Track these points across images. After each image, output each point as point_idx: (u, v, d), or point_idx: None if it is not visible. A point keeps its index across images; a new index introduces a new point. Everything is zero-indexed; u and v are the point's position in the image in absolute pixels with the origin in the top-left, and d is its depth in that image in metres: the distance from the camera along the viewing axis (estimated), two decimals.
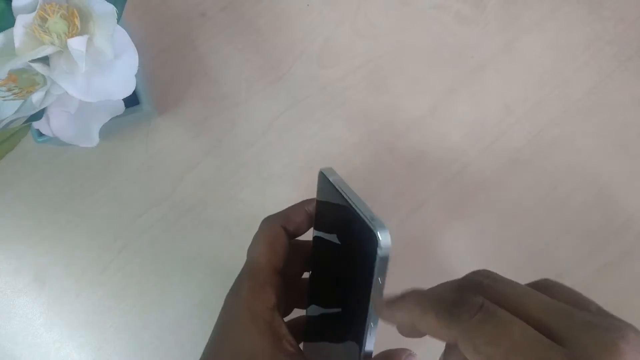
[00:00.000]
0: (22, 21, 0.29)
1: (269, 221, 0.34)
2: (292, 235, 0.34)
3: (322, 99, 0.49)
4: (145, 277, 0.46)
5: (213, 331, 0.32)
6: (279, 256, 0.32)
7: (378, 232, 0.24)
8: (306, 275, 0.37)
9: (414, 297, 0.24)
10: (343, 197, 0.27)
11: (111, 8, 0.30)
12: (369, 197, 0.31)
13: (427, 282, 0.26)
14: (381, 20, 0.50)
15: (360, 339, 0.27)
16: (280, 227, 0.33)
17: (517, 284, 0.24)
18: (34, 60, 0.30)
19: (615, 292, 0.47)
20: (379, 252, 0.24)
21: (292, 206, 0.35)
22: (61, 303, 0.45)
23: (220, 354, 0.31)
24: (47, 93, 0.31)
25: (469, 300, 0.22)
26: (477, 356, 0.21)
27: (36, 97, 0.31)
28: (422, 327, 0.23)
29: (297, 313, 0.37)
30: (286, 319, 0.34)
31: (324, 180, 0.30)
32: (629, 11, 0.51)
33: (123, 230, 0.46)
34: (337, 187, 0.28)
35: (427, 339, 0.24)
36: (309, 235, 0.35)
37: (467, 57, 0.50)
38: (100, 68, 0.32)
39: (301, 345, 0.36)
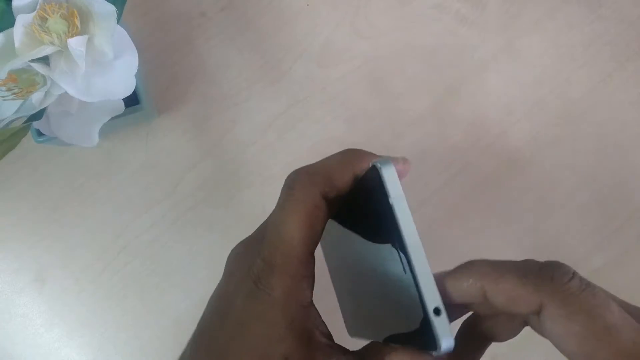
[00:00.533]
0: (22, 21, 0.29)
1: (305, 185, 0.25)
2: (331, 201, 0.25)
3: (322, 99, 0.49)
4: (145, 277, 0.46)
5: (213, 321, 0.26)
6: (317, 236, 0.25)
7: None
8: None
9: (487, 262, 0.22)
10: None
11: (111, 8, 0.30)
12: None
13: None
14: (381, 20, 0.50)
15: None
16: (320, 196, 0.25)
17: None
18: (34, 60, 0.30)
19: (615, 292, 0.47)
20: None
21: (334, 162, 0.26)
22: (61, 303, 0.45)
23: (230, 355, 0.24)
24: (47, 93, 0.31)
25: (562, 266, 0.20)
26: (569, 325, 0.19)
27: (36, 97, 0.31)
28: (496, 293, 0.21)
29: None
30: None
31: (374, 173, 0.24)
32: (629, 11, 0.51)
33: (123, 230, 0.46)
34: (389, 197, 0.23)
35: None
36: None
37: (467, 57, 0.50)
38: (100, 68, 0.32)
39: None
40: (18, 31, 0.29)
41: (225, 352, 0.24)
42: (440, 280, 0.23)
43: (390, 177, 0.24)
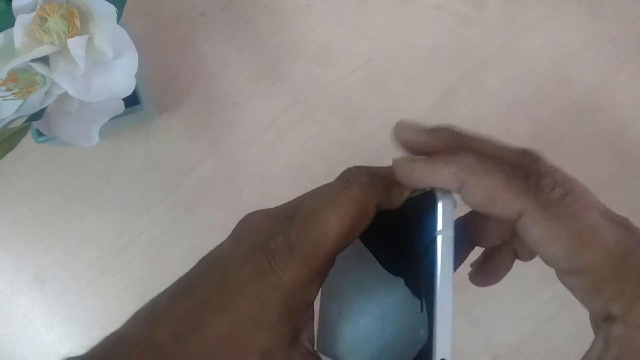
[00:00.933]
0: (22, 21, 0.29)
1: (365, 187, 0.23)
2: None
3: (322, 99, 0.49)
4: (145, 277, 0.46)
5: (203, 281, 0.25)
6: (350, 240, 0.23)
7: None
8: None
9: (473, 154, 0.21)
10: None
11: (111, 8, 0.30)
12: None
13: None
14: (381, 20, 0.50)
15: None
16: (375, 204, 0.23)
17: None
18: (34, 60, 0.30)
19: None
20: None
21: (393, 175, 0.23)
22: (61, 303, 0.45)
23: (211, 324, 0.22)
24: (47, 93, 0.31)
25: (548, 172, 0.21)
26: (553, 228, 0.20)
27: (36, 97, 0.31)
28: (475, 190, 0.20)
29: None
30: None
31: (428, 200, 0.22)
32: (629, 11, 0.51)
33: (123, 231, 0.46)
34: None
35: None
36: None
37: (467, 57, 0.50)
38: (100, 68, 0.32)
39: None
40: (18, 31, 0.29)
41: (209, 315, 0.23)
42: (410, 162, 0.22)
43: (447, 209, 0.22)
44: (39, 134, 0.38)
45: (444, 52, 0.50)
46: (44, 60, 0.31)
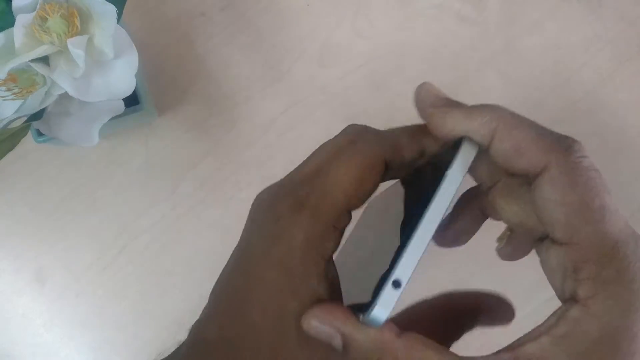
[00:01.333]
0: (22, 21, 0.29)
1: (371, 142, 0.23)
2: (388, 169, 0.24)
3: (322, 99, 0.49)
4: (145, 277, 0.46)
5: (246, 259, 0.24)
6: (363, 197, 0.23)
7: None
8: None
9: (508, 110, 0.22)
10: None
11: (111, 8, 0.30)
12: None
13: (427, 282, 0.26)
14: (381, 20, 0.50)
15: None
16: (383, 159, 0.23)
17: None
18: (34, 60, 0.30)
19: None
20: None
21: (404, 134, 0.25)
22: (61, 303, 0.45)
23: (263, 304, 0.23)
24: (47, 93, 0.31)
25: (579, 144, 0.21)
26: (568, 193, 0.19)
27: (36, 97, 0.31)
28: (506, 138, 0.21)
29: None
30: None
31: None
32: (629, 11, 0.51)
33: (123, 230, 0.46)
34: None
35: None
36: None
37: (467, 57, 0.50)
38: (100, 68, 0.32)
39: None
40: (18, 31, 0.29)
41: (243, 303, 0.23)
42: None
43: (467, 153, 0.22)
44: (39, 134, 0.38)
45: (444, 52, 0.50)
46: (44, 60, 0.31)
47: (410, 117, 0.50)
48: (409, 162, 0.24)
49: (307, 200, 0.22)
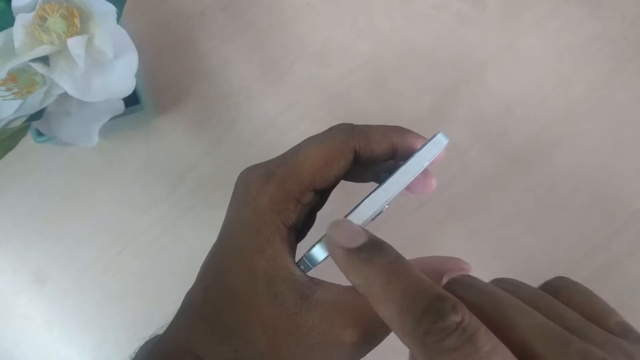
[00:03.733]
0: (21, 21, 0.29)
1: (343, 133, 0.26)
2: (359, 161, 0.26)
3: (322, 99, 0.49)
4: (145, 277, 0.46)
5: (225, 230, 0.27)
6: (327, 175, 0.25)
7: None
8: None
9: (388, 269, 0.19)
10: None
11: (111, 7, 0.30)
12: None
13: None
14: (381, 20, 0.50)
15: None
16: (352, 147, 0.25)
17: (508, 283, 0.21)
18: (33, 60, 0.30)
19: (616, 292, 0.47)
20: None
21: (378, 129, 0.26)
22: (61, 303, 0.45)
23: (236, 264, 0.25)
24: (46, 93, 0.31)
25: (445, 315, 0.17)
26: None
27: (36, 97, 0.31)
28: (376, 305, 0.19)
29: None
30: None
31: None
32: (629, 11, 0.51)
33: (123, 230, 0.46)
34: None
35: None
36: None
37: (467, 57, 0.50)
38: (100, 68, 0.32)
39: None
40: (18, 31, 0.29)
41: (221, 265, 0.26)
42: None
43: (437, 143, 0.24)
44: (39, 134, 0.38)
45: (444, 52, 0.50)
46: (44, 60, 0.31)
47: (410, 117, 0.51)
48: (378, 156, 0.26)
49: (276, 172, 0.25)
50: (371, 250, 0.20)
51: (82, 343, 0.45)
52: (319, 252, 0.23)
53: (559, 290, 0.20)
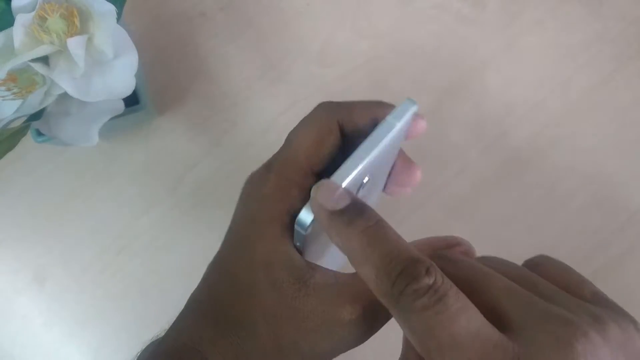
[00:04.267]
0: (21, 21, 0.29)
1: (325, 110, 0.27)
2: (345, 134, 0.27)
3: (322, 98, 0.48)
4: (145, 277, 0.46)
5: (230, 228, 0.28)
6: (322, 155, 0.26)
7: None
8: None
9: (368, 232, 0.20)
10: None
11: (111, 7, 0.30)
12: None
13: None
14: (381, 20, 0.50)
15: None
16: (336, 121, 0.27)
17: (491, 260, 0.22)
18: (33, 60, 0.30)
19: (615, 292, 0.47)
20: None
21: (359, 103, 0.28)
22: (61, 303, 0.45)
23: (238, 253, 0.26)
24: (46, 93, 0.31)
25: (419, 278, 0.18)
26: (414, 343, 0.18)
27: (36, 97, 0.31)
28: (359, 274, 0.20)
29: None
30: None
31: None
32: (629, 11, 0.51)
33: (123, 230, 0.46)
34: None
35: None
36: None
37: (467, 57, 0.50)
38: (100, 68, 0.32)
39: None
40: (18, 31, 0.29)
41: (224, 261, 0.27)
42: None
43: (405, 104, 0.25)
44: (39, 134, 0.38)
45: (444, 52, 0.50)
46: (44, 60, 0.31)
47: None
48: (361, 130, 0.26)
49: (273, 164, 0.26)
50: (353, 213, 0.21)
51: (82, 343, 0.45)
52: (306, 215, 0.23)
53: (537, 265, 0.22)
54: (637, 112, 0.50)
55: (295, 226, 0.23)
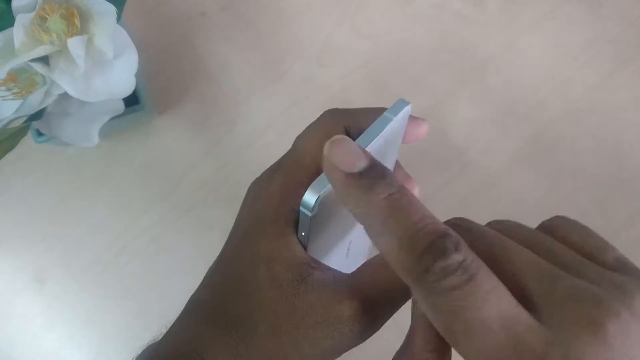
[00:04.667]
0: (21, 21, 0.29)
1: (331, 115, 0.28)
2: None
3: (322, 98, 0.49)
4: (145, 277, 0.46)
5: (233, 229, 0.28)
6: None
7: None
8: None
9: (390, 200, 0.18)
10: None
11: (111, 7, 0.30)
12: None
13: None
14: (381, 20, 0.50)
15: None
16: (343, 127, 0.27)
17: (505, 225, 0.21)
18: (33, 60, 0.30)
19: None
20: None
21: (364, 109, 0.28)
22: (61, 303, 0.45)
23: (241, 251, 0.26)
24: (46, 93, 0.31)
25: (448, 254, 0.17)
26: (436, 323, 0.17)
27: (36, 97, 0.31)
28: (375, 239, 0.18)
29: None
30: None
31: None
32: (629, 11, 0.51)
33: (123, 230, 0.46)
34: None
35: None
36: None
37: (467, 57, 0.50)
38: (100, 68, 0.32)
39: None
40: (18, 31, 0.29)
41: (226, 261, 0.27)
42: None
43: (399, 105, 0.27)
44: (39, 134, 0.38)
45: (444, 52, 0.50)
46: (44, 60, 0.31)
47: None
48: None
49: (281, 166, 0.27)
50: (373, 177, 0.19)
51: (82, 343, 0.45)
52: (311, 195, 0.21)
53: (556, 228, 0.21)
54: (637, 112, 0.50)
55: (300, 209, 0.22)
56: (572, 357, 0.15)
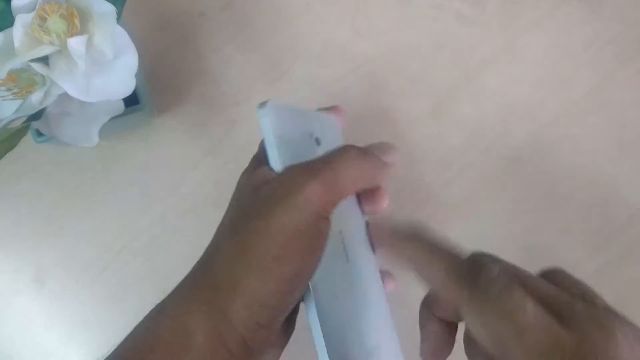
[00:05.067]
0: (21, 21, 0.29)
1: (371, 156, 0.31)
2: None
3: (322, 98, 0.49)
4: (145, 277, 0.46)
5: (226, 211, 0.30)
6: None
7: None
8: None
9: (427, 243, 0.24)
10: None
11: (111, 8, 0.30)
12: None
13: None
14: (381, 20, 0.50)
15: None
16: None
17: (518, 272, 0.24)
18: (33, 60, 0.30)
19: (615, 292, 0.47)
20: None
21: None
22: (61, 303, 0.45)
23: (227, 212, 0.29)
24: (46, 93, 0.31)
25: (489, 265, 0.21)
26: (483, 330, 0.20)
27: (36, 97, 0.31)
28: (425, 275, 0.23)
29: None
30: None
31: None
32: (630, 11, 0.51)
33: (123, 230, 0.46)
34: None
35: None
36: None
37: (467, 57, 0.50)
38: (100, 68, 0.32)
39: None
40: (17, 31, 0.29)
41: (221, 225, 0.30)
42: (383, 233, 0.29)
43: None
44: (39, 134, 0.38)
45: (444, 52, 0.50)
46: (44, 60, 0.31)
47: (410, 117, 0.50)
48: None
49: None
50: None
51: (82, 343, 0.45)
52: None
53: (554, 277, 0.24)
54: (637, 112, 0.50)
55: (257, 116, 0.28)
56: (599, 350, 0.18)
